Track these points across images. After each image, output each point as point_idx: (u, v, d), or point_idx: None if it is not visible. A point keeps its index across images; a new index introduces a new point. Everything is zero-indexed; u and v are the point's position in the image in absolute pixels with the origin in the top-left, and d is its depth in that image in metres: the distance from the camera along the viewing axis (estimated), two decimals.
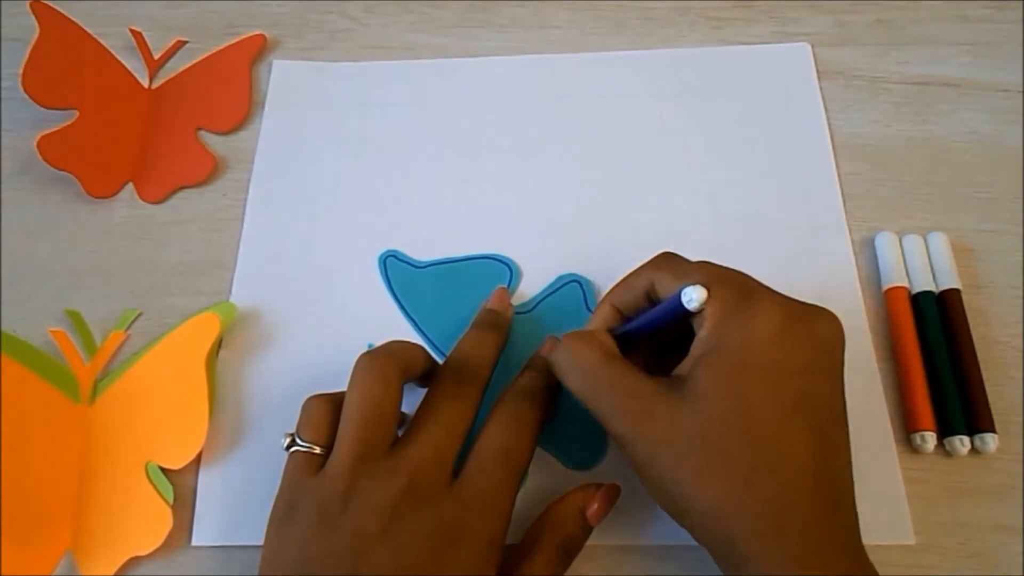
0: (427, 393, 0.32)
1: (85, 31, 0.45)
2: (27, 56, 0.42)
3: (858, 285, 0.39)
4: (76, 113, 0.43)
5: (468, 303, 0.38)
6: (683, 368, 0.28)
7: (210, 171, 0.43)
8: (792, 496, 0.26)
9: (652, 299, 0.31)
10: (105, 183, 0.43)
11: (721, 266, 0.30)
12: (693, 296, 0.28)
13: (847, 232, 0.40)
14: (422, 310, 0.39)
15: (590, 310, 0.38)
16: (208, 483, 0.35)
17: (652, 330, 0.31)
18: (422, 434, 0.29)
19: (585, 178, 0.42)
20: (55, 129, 0.42)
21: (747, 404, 0.26)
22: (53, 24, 0.43)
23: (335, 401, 0.31)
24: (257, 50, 0.47)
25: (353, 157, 0.43)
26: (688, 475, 0.27)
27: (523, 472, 0.31)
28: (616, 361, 0.30)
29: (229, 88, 0.46)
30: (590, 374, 0.30)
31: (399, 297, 0.39)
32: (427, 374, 0.33)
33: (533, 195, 0.42)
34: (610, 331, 0.32)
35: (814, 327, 0.28)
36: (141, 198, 0.43)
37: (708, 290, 0.28)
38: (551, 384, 0.33)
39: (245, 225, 0.42)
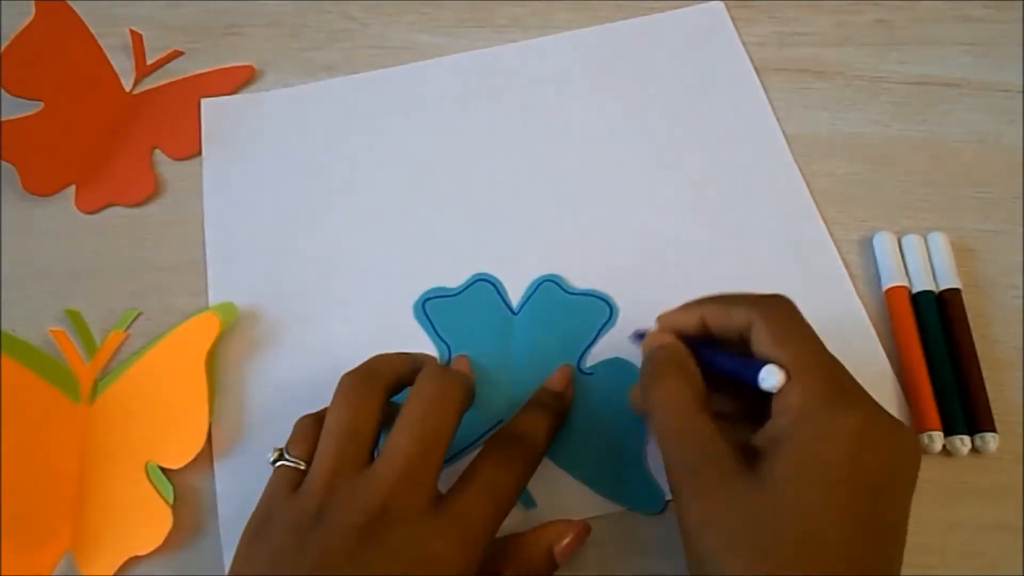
0: (403, 407, 0.30)
1: (84, 25, 0.44)
2: (9, 41, 0.41)
3: (847, 276, 0.39)
4: (40, 105, 0.42)
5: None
6: (760, 440, 0.28)
7: (147, 195, 0.43)
8: None
9: (744, 339, 0.30)
10: (45, 181, 0.42)
11: (819, 349, 0.29)
12: (771, 380, 0.27)
13: (819, 217, 0.40)
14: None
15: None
16: (222, 494, 0.35)
17: (731, 376, 0.30)
18: (397, 449, 0.28)
19: (538, 176, 0.42)
20: (11, 118, 0.41)
21: (816, 512, 0.25)
22: (49, 15, 0.42)
23: (324, 419, 0.30)
24: (243, 81, 0.46)
25: (302, 179, 0.43)
26: (735, 560, 0.25)
27: (508, 509, 0.30)
28: (704, 414, 0.28)
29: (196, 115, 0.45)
30: (681, 422, 0.28)
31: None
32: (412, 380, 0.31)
33: (492, 198, 0.42)
34: (692, 342, 0.31)
35: (894, 443, 0.27)
36: (75, 204, 0.43)
37: (789, 377, 0.27)
38: (551, 425, 0.33)
39: (208, 255, 0.41)
